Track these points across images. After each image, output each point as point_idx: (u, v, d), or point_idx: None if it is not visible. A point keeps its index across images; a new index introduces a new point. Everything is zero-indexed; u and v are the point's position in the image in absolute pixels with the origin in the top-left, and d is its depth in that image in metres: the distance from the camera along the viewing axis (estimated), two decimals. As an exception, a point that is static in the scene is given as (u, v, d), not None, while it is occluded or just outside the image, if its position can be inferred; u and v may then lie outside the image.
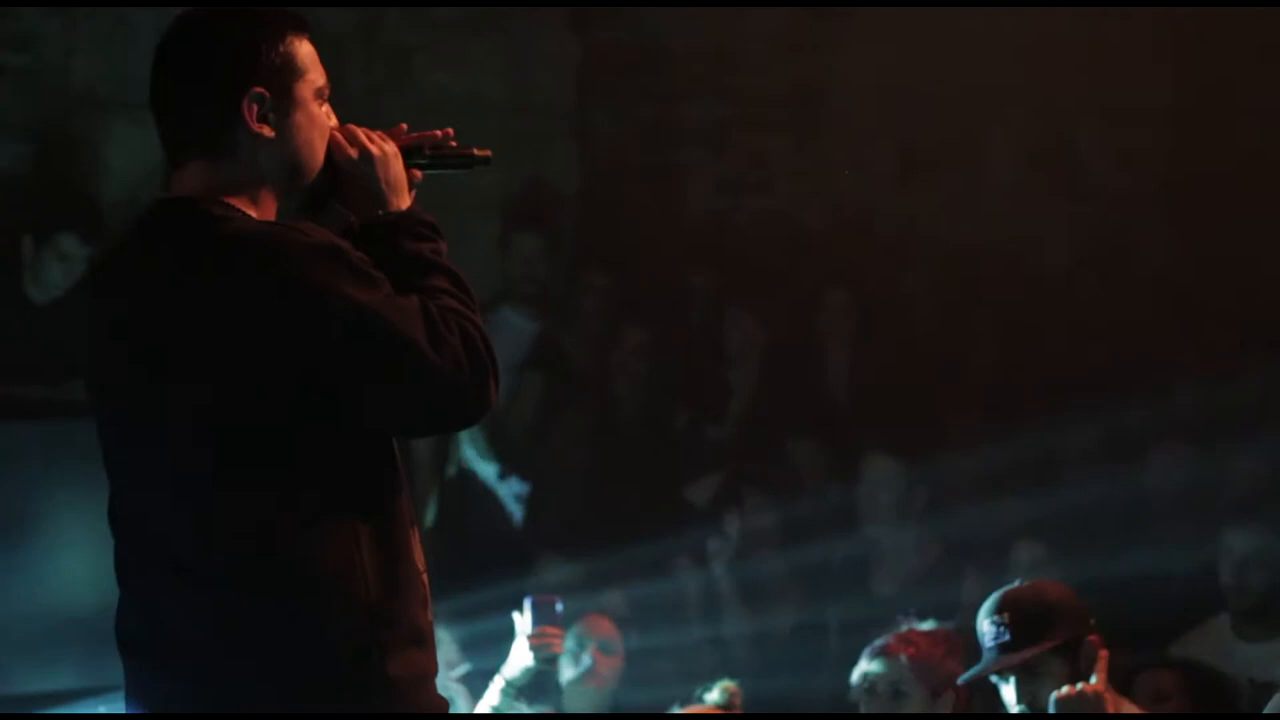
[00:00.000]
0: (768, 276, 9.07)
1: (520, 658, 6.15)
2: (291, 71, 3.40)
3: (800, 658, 7.48)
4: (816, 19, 9.52)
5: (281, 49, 3.39)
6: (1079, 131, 9.55)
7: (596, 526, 8.18)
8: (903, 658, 5.60)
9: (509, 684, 6.22)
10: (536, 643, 6.16)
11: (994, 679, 5.25)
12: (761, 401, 8.75)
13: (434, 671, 3.39)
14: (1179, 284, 8.88)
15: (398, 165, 3.51)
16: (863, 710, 5.67)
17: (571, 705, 6.90)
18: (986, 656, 5.22)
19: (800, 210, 9.45)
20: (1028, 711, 5.15)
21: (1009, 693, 5.19)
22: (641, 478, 8.42)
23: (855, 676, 5.75)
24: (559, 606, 6.27)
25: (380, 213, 3.46)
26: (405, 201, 3.50)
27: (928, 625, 6.08)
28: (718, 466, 8.44)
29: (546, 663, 6.25)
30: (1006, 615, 5.16)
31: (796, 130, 9.49)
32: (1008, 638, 5.13)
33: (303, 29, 3.44)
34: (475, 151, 3.67)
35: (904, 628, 5.83)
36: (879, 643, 5.87)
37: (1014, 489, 7.77)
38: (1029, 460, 7.79)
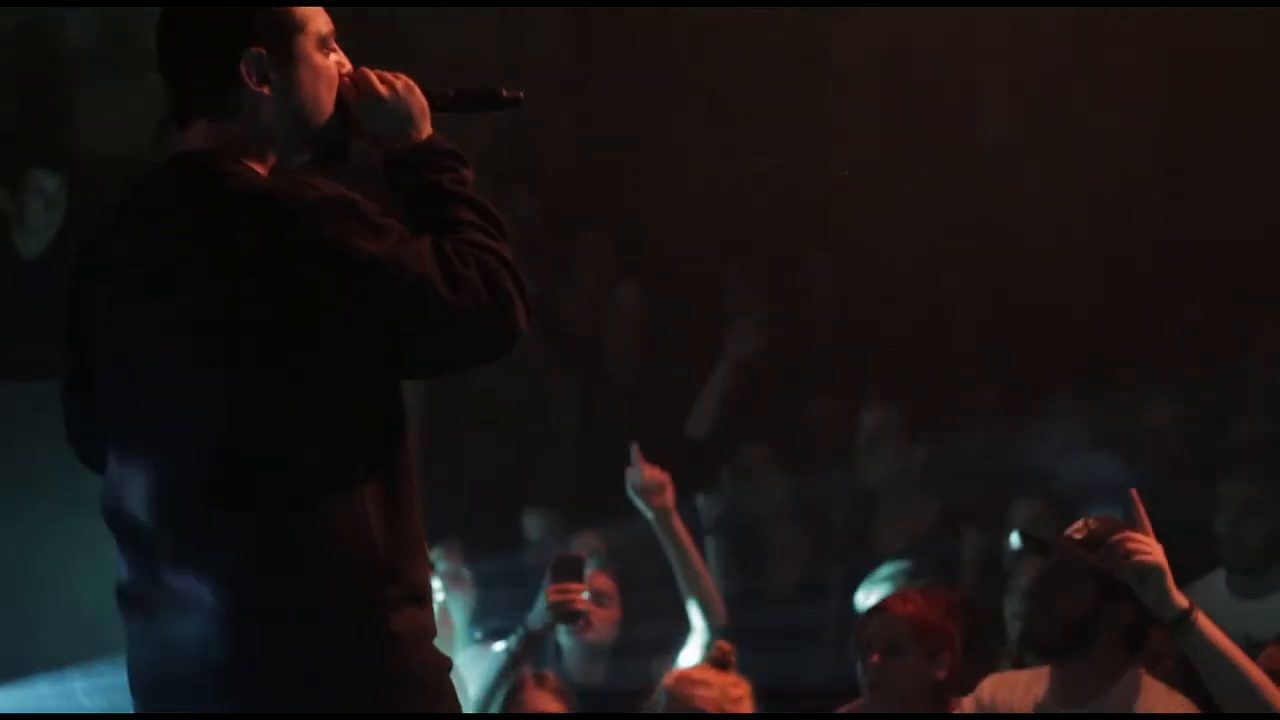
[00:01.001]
0: (764, 237, 9.05)
1: (543, 610, 6.16)
2: (290, 27, 3.39)
3: (800, 616, 7.48)
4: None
5: (277, 6, 3.37)
6: (1077, 99, 9.51)
7: (590, 487, 8.17)
8: (900, 615, 5.59)
9: (524, 631, 6.21)
10: (555, 599, 6.14)
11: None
12: (757, 362, 8.74)
13: (433, 630, 3.39)
14: (1176, 249, 8.86)
15: (413, 98, 3.47)
16: (860, 669, 5.66)
17: (569, 658, 6.86)
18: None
19: (798, 172, 9.42)
20: (1028, 592, 5.18)
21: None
22: (637, 438, 8.40)
23: (853, 635, 5.75)
24: (586, 563, 6.23)
25: (398, 147, 3.44)
26: (424, 133, 3.46)
27: (923, 584, 6.08)
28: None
29: (567, 619, 6.22)
30: (1093, 522, 5.15)
31: (795, 92, 9.45)
32: (1080, 537, 5.13)
33: None
34: (504, 92, 3.57)
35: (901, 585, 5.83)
36: (876, 600, 5.86)
37: (1011, 449, 7.77)
38: (1026, 420, 7.79)
